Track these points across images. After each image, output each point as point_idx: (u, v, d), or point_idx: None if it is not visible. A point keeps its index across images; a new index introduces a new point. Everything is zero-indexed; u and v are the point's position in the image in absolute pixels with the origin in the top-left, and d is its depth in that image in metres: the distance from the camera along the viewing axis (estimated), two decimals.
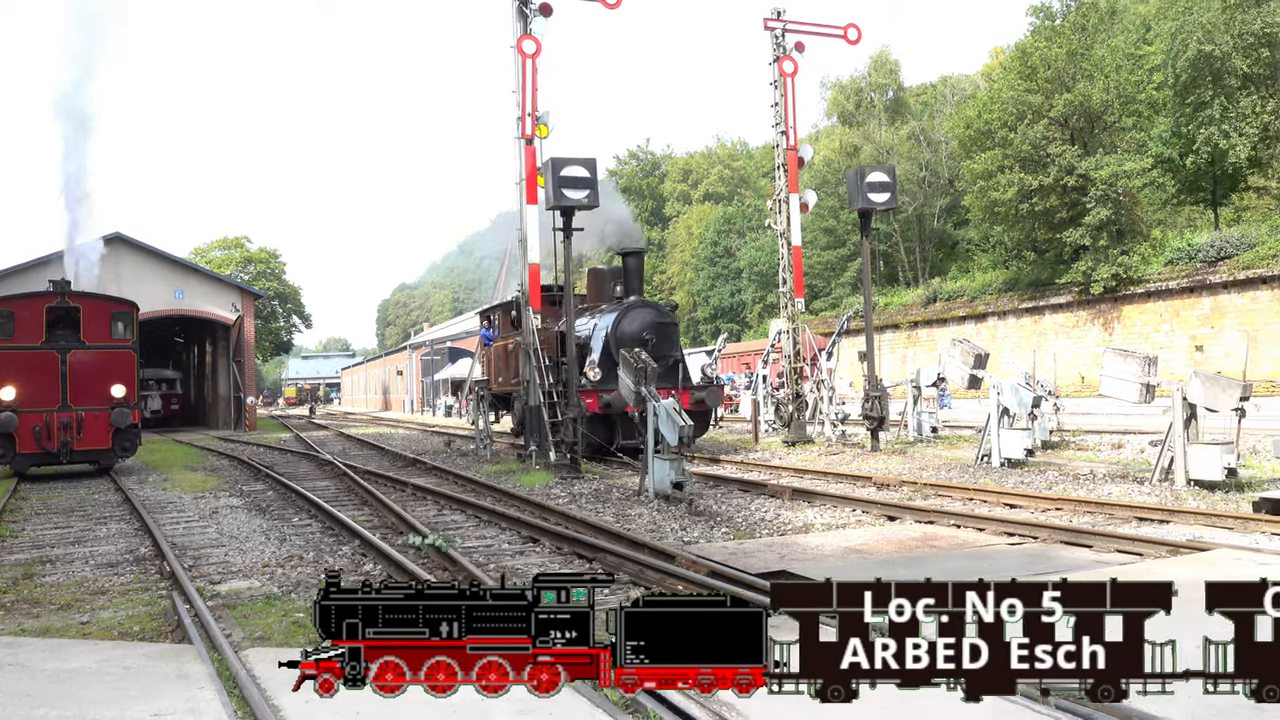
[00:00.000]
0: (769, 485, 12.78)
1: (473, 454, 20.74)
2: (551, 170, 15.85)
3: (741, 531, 9.67)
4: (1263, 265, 28.88)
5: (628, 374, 13.24)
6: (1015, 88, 35.17)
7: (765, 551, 8.33)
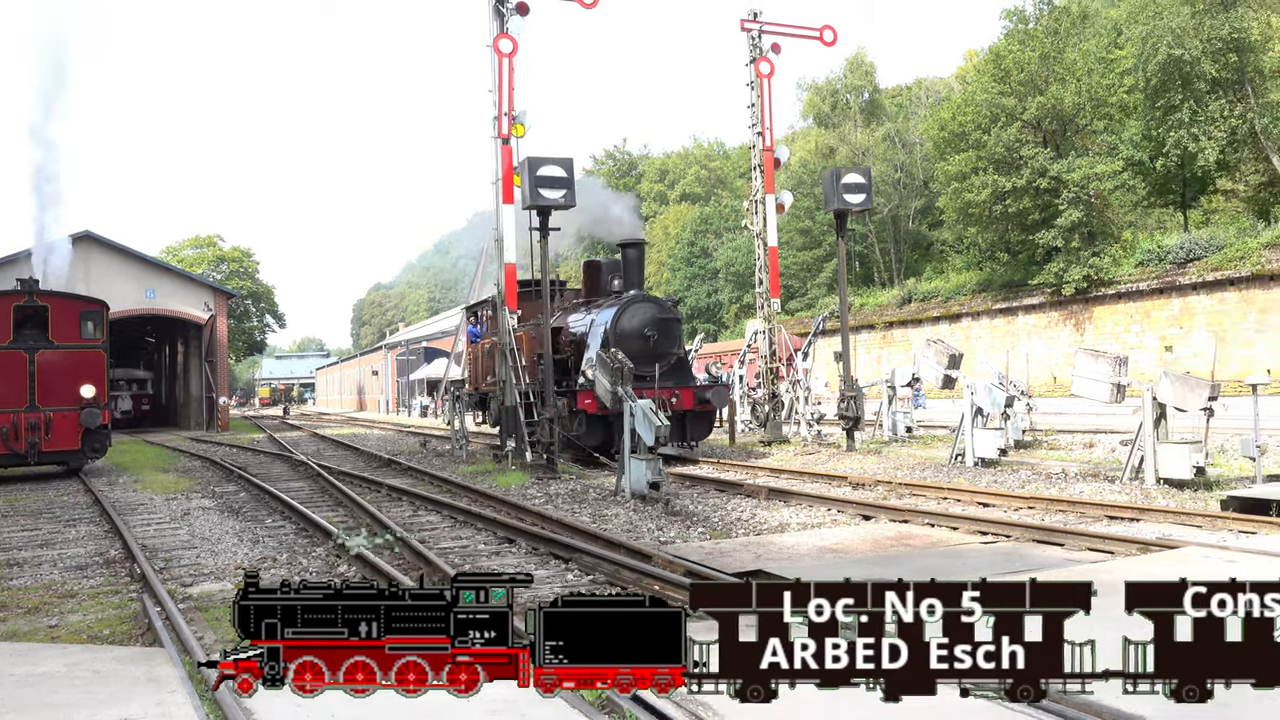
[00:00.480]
0: (745, 485, 12.81)
1: (449, 454, 20.65)
2: (528, 170, 15.81)
3: (718, 531, 9.68)
4: (1230, 267, 29.30)
5: (604, 374, 13.25)
6: (989, 90, 35.50)
7: (741, 551, 8.35)
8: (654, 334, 17.02)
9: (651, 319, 17.22)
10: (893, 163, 47.19)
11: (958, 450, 14.74)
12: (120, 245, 37.44)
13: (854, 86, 51.99)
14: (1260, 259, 28.57)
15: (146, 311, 37.55)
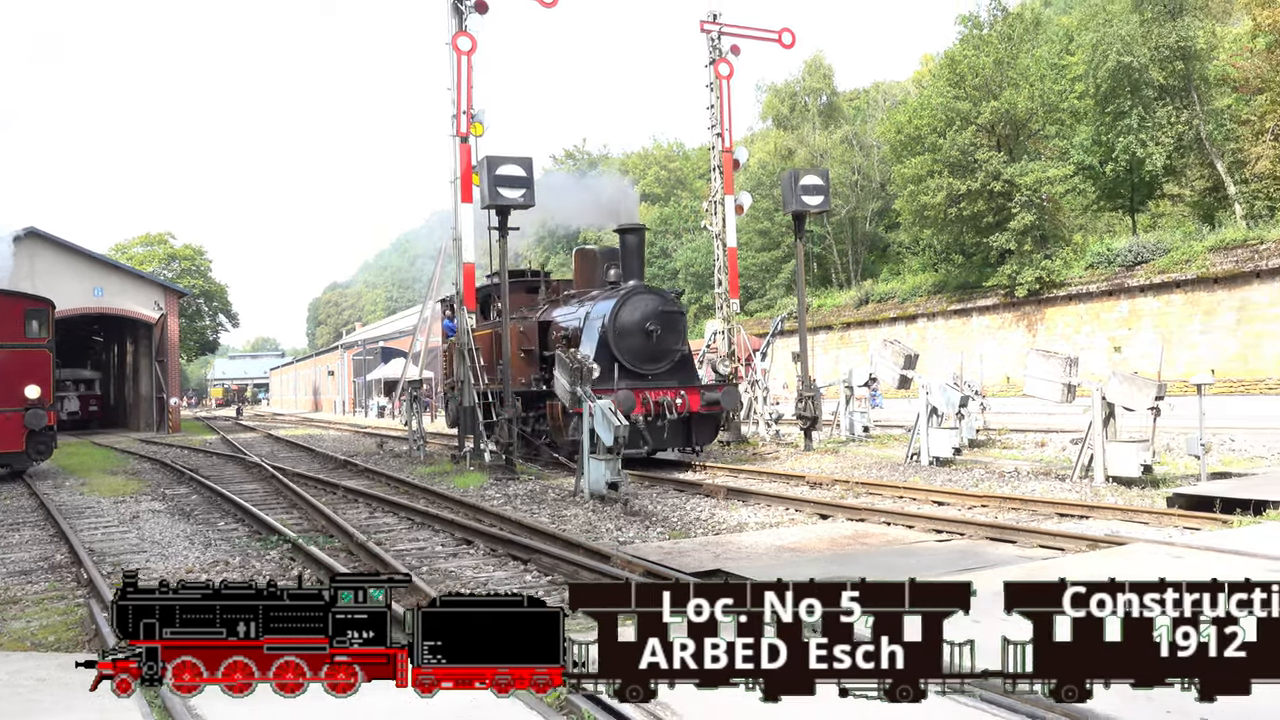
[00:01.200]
0: (704, 485, 12.85)
1: (406, 456, 20.46)
2: (487, 169, 15.72)
3: (677, 531, 9.70)
4: (1176, 270, 29.99)
5: (563, 374, 13.19)
6: (944, 95, 35.98)
7: (700, 551, 8.37)
8: (656, 328, 15.73)
9: (654, 312, 15.90)
10: (850, 165, 47.63)
11: (913, 450, 14.92)
12: (67, 242, 36.58)
13: (812, 89, 52.40)
14: (1205, 262, 29.28)
15: (94, 310, 36.73)
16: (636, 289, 16.27)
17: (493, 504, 11.88)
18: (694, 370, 16.80)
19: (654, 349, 15.78)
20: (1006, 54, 34.94)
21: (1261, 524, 7.61)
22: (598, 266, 18.10)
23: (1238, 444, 14.42)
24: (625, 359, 15.45)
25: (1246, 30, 32.96)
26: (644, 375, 15.48)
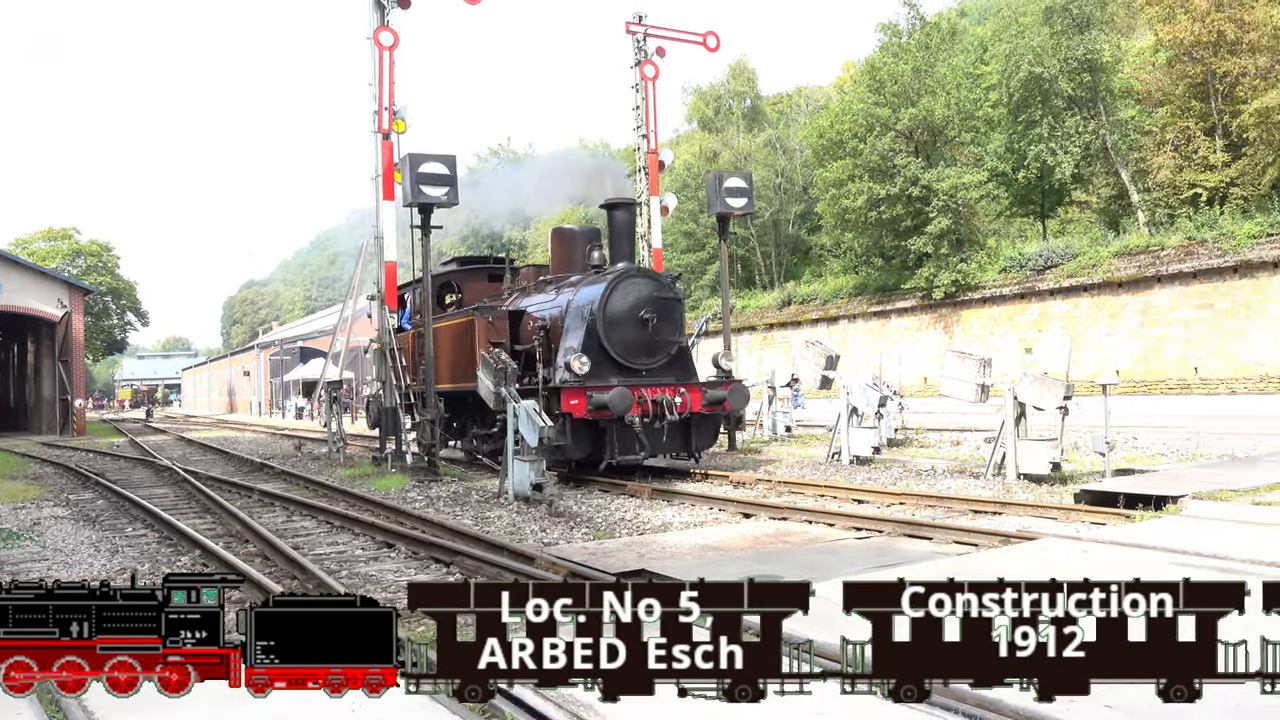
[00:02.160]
0: (629, 485, 12.87)
1: (325, 458, 20.02)
2: (409, 166, 15.49)
3: (601, 531, 9.69)
4: (1083, 274, 31.15)
5: (487, 374, 13.06)
6: (865, 100, 36.72)
7: (624, 551, 8.38)
8: (652, 317, 13.84)
9: (648, 298, 13.97)
10: (774, 168, 48.27)
11: (834, 449, 15.18)
12: None
13: (737, 92, 52.97)
14: (1110, 267, 30.46)
15: None
16: (628, 272, 14.21)
17: (415, 506, 11.71)
18: (692, 365, 14.96)
19: (649, 340, 13.94)
20: (924, 62, 35.84)
21: (1161, 518, 7.94)
22: (577, 248, 16.02)
23: (1140, 442, 15.04)
24: (616, 352, 13.69)
25: (1149, 45, 34.44)
26: (637, 370, 13.76)
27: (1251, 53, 29.81)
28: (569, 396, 12.89)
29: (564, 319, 14.35)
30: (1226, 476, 9.79)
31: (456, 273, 19.20)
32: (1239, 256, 27.28)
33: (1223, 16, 29.74)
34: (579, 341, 13.73)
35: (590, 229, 16.41)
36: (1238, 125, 29.24)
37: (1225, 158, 30.31)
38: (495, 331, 15.11)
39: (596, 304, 13.71)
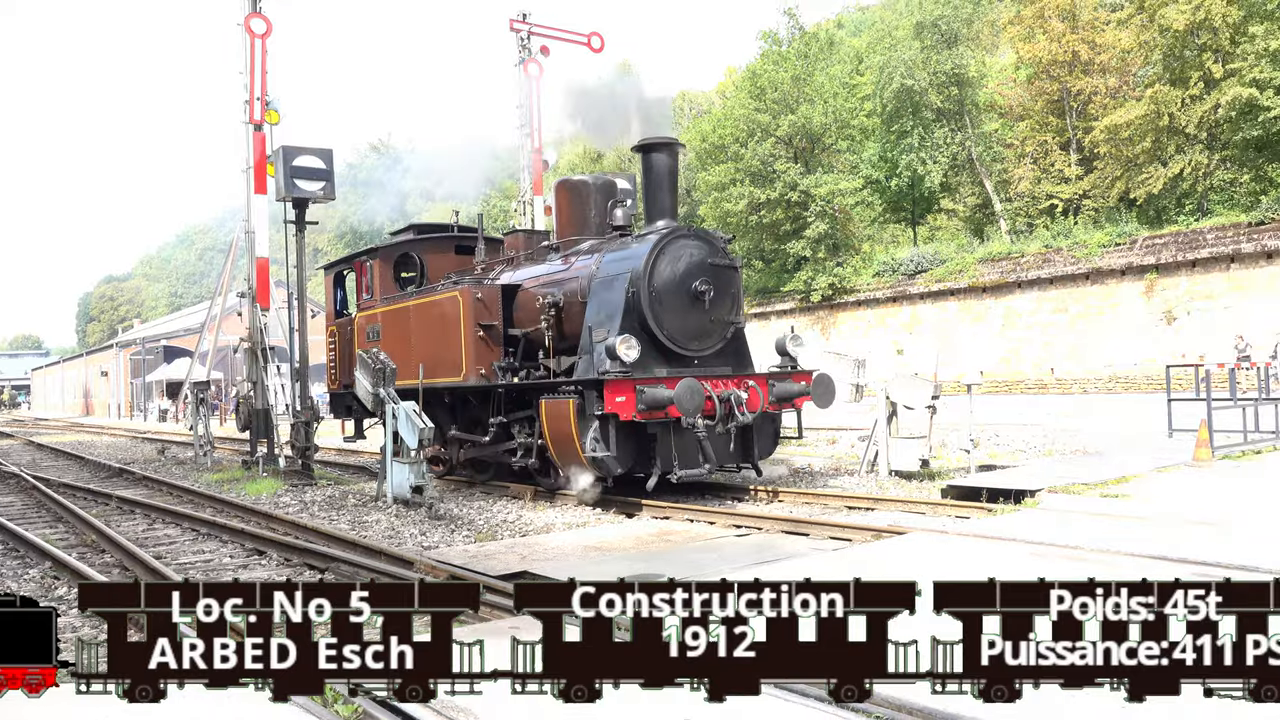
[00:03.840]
0: (511, 487, 12.74)
1: (191, 463, 19.12)
2: (283, 159, 14.96)
3: (483, 534, 9.57)
4: (951, 279, 32.61)
5: (365, 375, 12.66)
6: (746, 107, 37.50)
7: (507, 553, 8.29)
8: (708, 289, 10.81)
9: (702, 265, 10.92)
10: None
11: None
12: None
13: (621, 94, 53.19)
14: (975, 273, 31.98)
15: None
16: (677, 231, 11.01)
17: (288, 511, 11.30)
18: (748, 352, 11.98)
19: (703, 319, 10.99)
20: (803, 71, 36.84)
21: (1020, 511, 8.37)
22: (591, 204, 12.65)
23: (1002, 439, 15.82)
24: (665, 334, 10.72)
25: (1011, 62, 36.34)
26: (688, 358, 10.91)
27: (1102, 73, 31.85)
28: (615, 392, 9.82)
29: (585, 293, 11.28)
30: (1079, 471, 10.38)
31: (416, 242, 15.23)
32: (1090, 264, 29.05)
33: (1077, 38, 31.67)
34: (614, 320, 10.52)
35: (605, 179, 13.13)
36: (1090, 141, 31.16)
37: (1079, 171, 32.25)
38: (485, 310, 12.31)
39: (640, 272, 10.53)
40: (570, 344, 11.59)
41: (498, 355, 12.40)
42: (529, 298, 12.37)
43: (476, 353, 12.26)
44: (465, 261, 14.61)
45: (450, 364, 12.65)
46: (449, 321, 12.59)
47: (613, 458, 10.13)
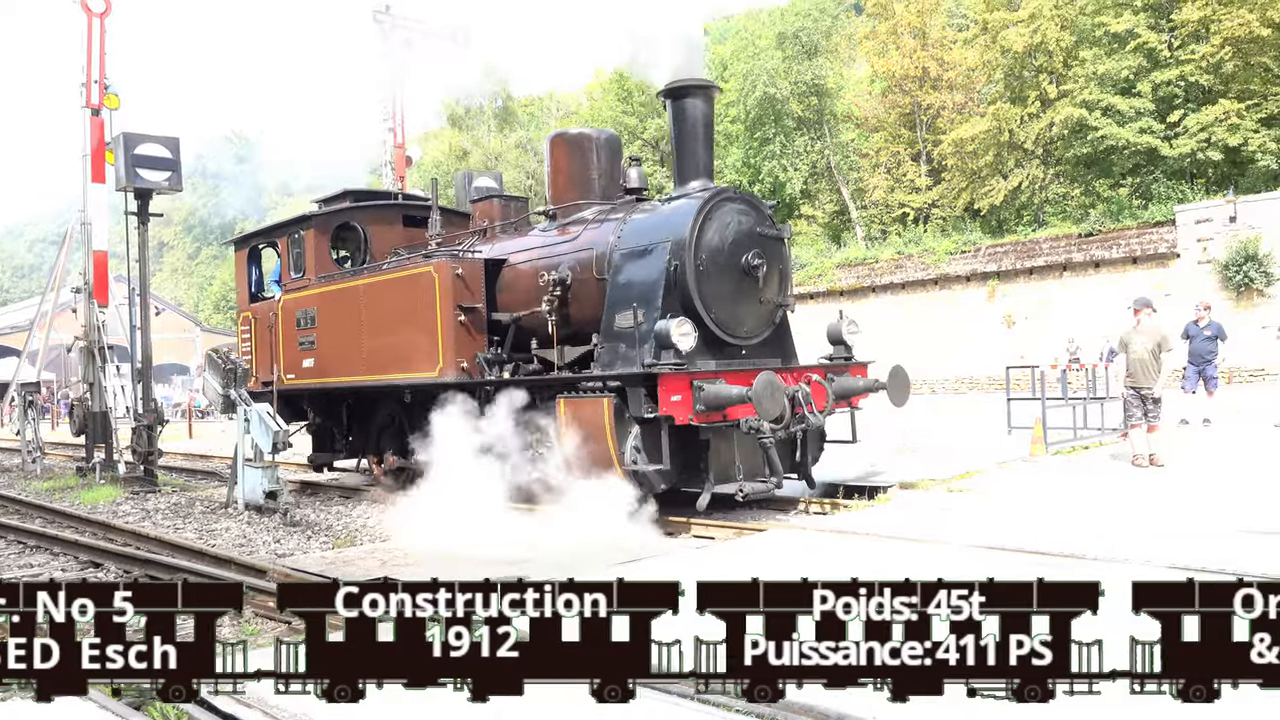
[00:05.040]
0: (372, 490, 12.39)
1: (18, 470, 17.76)
2: (124, 147, 14.06)
3: (342, 540, 9.26)
4: (811, 284, 33.68)
5: (214, 375, 12.03)
6: (613, 109, 37.74)
7: (367, 559, 8.04)
8: (761, 264, 9.02)
9: (752, 235, 9.09)
10: (524, 169, 48.37)
11: None
12: None
13: (488, 92, 52.61)
14: (833, 277, 33.14)
15: None
16: (723, 193, 9.11)
17: (128, 520, 10.64)
18: (793, 341, 10.35)
19: (753, 301, 9.22)
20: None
21: (874, 507, 8.72)
22: (595, 163, 10.47)
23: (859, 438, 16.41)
24: (714, 318, 8.90)
25: (867, 75, 37.88)
26: (735, 347, 9.11)
27: (950, 89, 33.62)
28: (670, 388, 7.91)
29: (603, 268, 9.28)
30: (928, 468, 10.88)
31: (357, 210, 12.65)
32: (939, 270, 30.56)
33: (927, 55, 33.33)
34: (649, 301, 8.56)
35: (610, 134, 11.04)
36: (938, 153, 32.84)
37: (928, 181, 33.93)
38: (465, 290, 10.12)
39: (684, 241, 8.61)
40: (578, 331, 9.56)
41: (481, 345, 10.21)
42: (520, 275, 10.26)
43: (456, 342, 10.00)
44: (415, 235, 12.31)
45: (419, 357, 10.34)
46: (419, 304, 10.30)
47: (663, 471, 8.11)
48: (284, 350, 12.65)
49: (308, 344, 12.18)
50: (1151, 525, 6.94)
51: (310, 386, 12.40)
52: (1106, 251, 26.58)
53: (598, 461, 8.34)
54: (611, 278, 9.12)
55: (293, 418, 12.61)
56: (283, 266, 12.85)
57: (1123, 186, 28.97)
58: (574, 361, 9.63)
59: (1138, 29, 27.38)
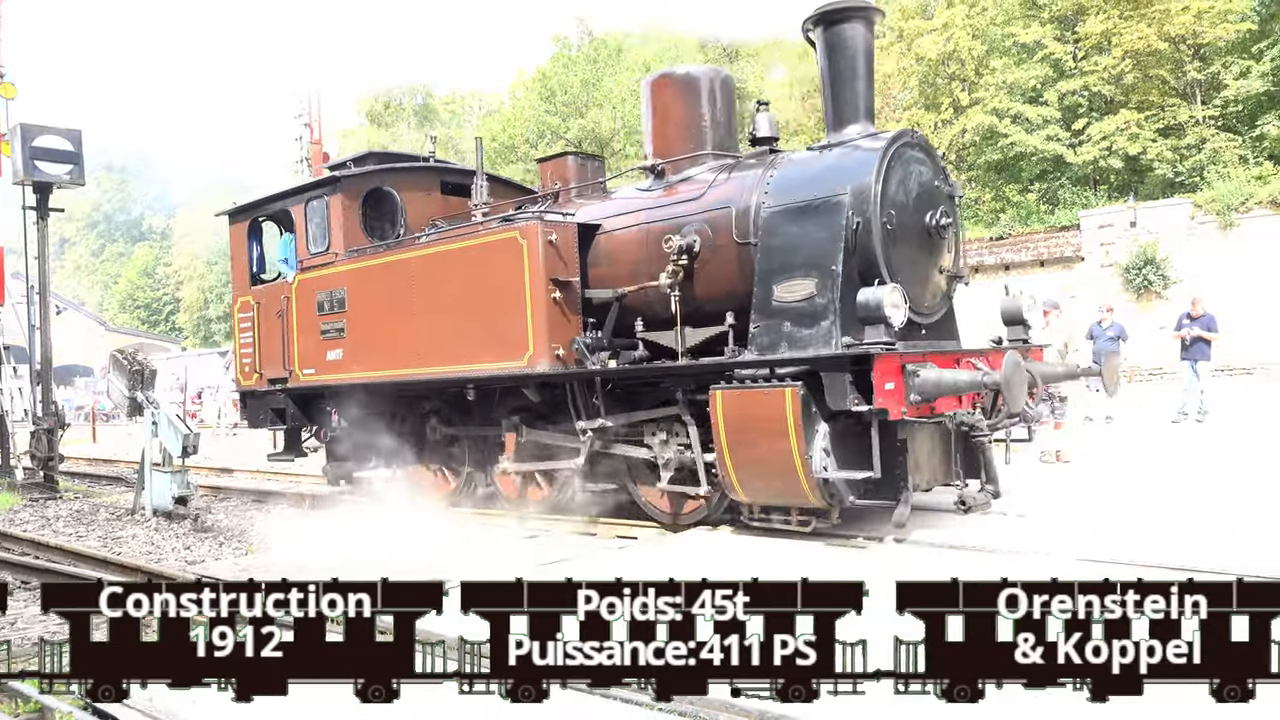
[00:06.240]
0: (289, 494, 12.10)
1: None
2: (21, 138, 13.45)
3: (255, 546, 9.02)
4: None
5: (119, 376, 11.56)
6: (537, 108, 37.55)
7: (281, 565, 7.85)
8: (950, 223, 7.66)
9: (933, 191, 7.66)
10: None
11: None
12: None
13: (409, 89, 51.89)
14: None
15: None
16: (904, 138, 7.51)
17: (25, 529, 10.18)
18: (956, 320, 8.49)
19: (933, 271, 7.71)
20: (593, 76, 37.33)
21: None
22: (704, 107, 8.72)
23: None
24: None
25: (787, 79, 38.45)
26: (917, 325, 7.52)
27: None
28: (886, 373, 6.34)
29: (744, 230, 7.63)
30: None
31: (391, 174, 10.69)
32: None
33: None
34: (831, 268, 6.86)
35: (725, 74, 9.19)
36: None
37: None
38: (559, 261, 8.23)
39: (867, 192, 7.01)
40: (701, 308, 7.85)
41: (577, 327, 8.33)
42: (622, 243, 8.51)
43: (550, 324, 8.13)
44: (454, 205, 10.63)
45: (498, 343, 8.45)
46: (499, 279, 8.39)
47: (865, 479, 6.52)
48: (300, 340, 10.39)
49: (334, 332, 10.00)
50: (1058, 520, 7.16)
51: (339, 382, 10.04)
52: (1016, 254, 27.46)
53: (771, 468, 6.66)
54: (762, 241, 7.37)
55: (309, 421, 10.95)
56: (298, 240, 10.54)
57: (1031, 192, 29.99)
58: (696, 346, 7.91)
59: (1045, 40, 28.39)
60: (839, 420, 6.64)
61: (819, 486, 6.51)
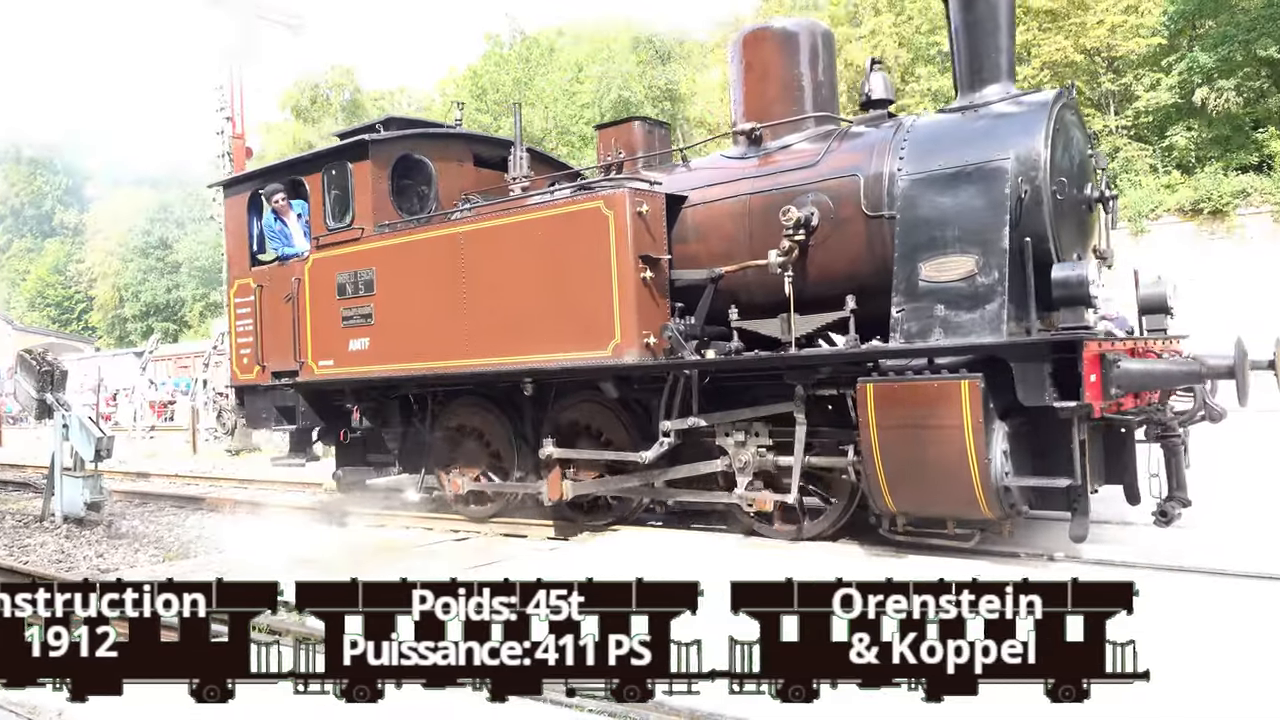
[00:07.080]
0: (208, 498, 11.75)
1: None
2: None
3: (173, 552, 8.72)
4: None
5: (27, 378, 11.02)
6: (467, 106, 37.19)
7: (201, 572, 7.56)
8: (1116, 194, 7.09)
9: (1086, 158, 6.87)
10: None
11: None
12: None
13: (336, 84, 50.88)
14: None
15: None
16: (1065, 99, 6.60)
17: None
18: None
19: (1088, 248, 6.95)
20: (525, 75, 37.13)
21: None
22: (802, 65, 7.60)
23: None
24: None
25: (720, 81, 38.76)
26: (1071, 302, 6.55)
27: None
28: (1093, 363, 5.50)
29: (876, 201, 6.67)
30: None
31: (424, 140, 9.44)
32: None
33: None
34: (994, 243, 5.93)
35: (825, 28, 8.03)
36: None
37: None
38: (648, 237, 7.13)
39: (1035, 158, 6.16)
40: (815, 291, 6.84)
41: (666, 312, 7.25)
42: (718, 216, 7.51)
43: (640, 309, 7.01)
44: (487, 179, 9.52)
45: (575, 329, 7.30)
46: (579, 255, 7.26)
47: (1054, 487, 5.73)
48: (316, 328, 9.03)
49: (359, 318, 8.68)
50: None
51: (365, 376, 8.76)
52: None
53: (937, 473, 5.77)
54: (902, 213, 6.39)
55: (322, 421, 9.60)
56: (313, 213, 9.26)
57: None
58: (810, 334, 7.01)
59: None
60: (1013, 417, 5.81)
61: (998, 495, 5.63)
